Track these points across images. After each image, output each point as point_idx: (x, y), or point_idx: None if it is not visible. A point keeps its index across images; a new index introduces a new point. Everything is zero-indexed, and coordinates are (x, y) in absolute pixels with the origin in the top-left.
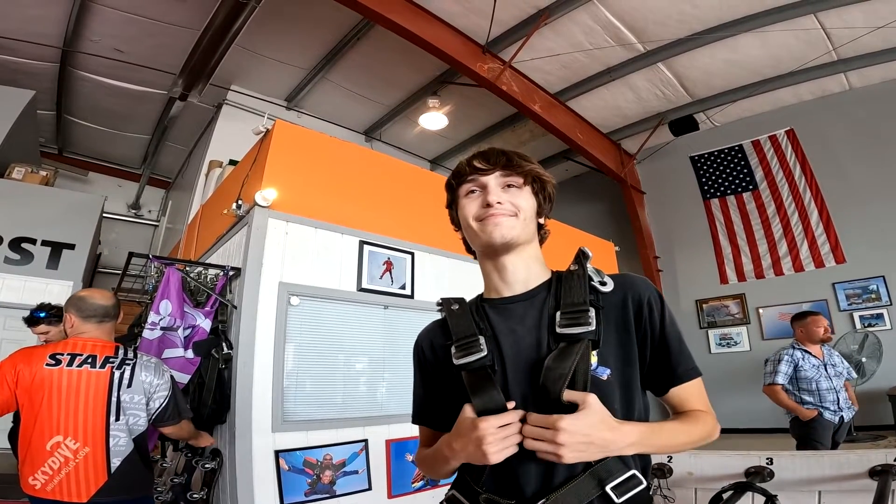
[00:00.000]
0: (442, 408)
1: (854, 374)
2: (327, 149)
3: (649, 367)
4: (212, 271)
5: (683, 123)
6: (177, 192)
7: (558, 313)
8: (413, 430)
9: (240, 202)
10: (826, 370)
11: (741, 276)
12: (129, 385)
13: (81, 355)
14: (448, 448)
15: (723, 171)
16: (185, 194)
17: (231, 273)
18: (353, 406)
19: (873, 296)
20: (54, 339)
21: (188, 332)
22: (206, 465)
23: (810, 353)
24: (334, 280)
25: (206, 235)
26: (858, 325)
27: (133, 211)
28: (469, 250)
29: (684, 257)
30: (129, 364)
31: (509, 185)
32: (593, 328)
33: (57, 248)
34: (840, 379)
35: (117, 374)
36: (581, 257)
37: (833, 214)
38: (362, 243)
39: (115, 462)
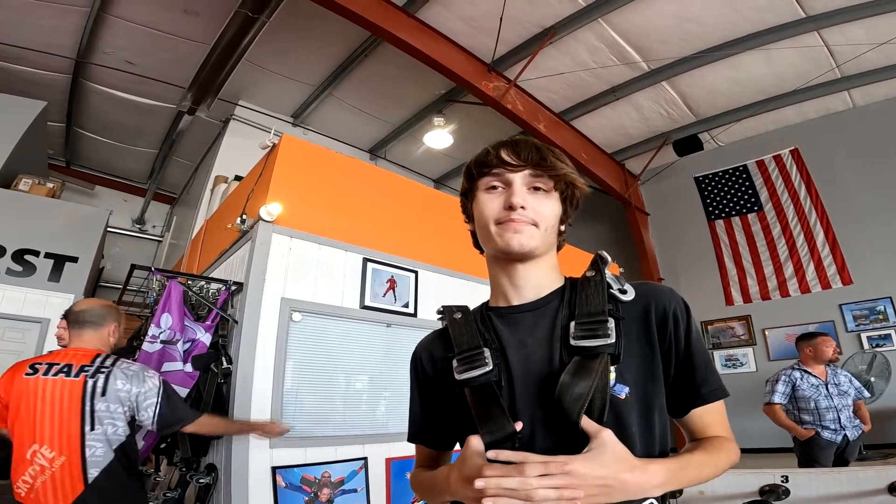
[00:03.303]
0: (442, 426)
1: (866, 393)
2: (333, 165)
3: (671, 385)
4: (214, 286)
5: (688, 143)
6: (181, 208)
7: (573, 324)
8: (414, 449)
9: (244, 217)
10: (827, 389)
11: (747, 298)
12: (104, 394)
13: (59, 364)
14: (445, 482)
15: (727, 191)
16: (189, 210)
17: (233, 288)
18: (353, 423)
19: (881, 316)
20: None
21: (188, 345)
22: (201, 480)
23: (810, 373)
24: (337, 297)
25: (210, 250)
26: (866, 346)
27: (137, 226)
28: (476, 246)
29: (689, 279)
30: (103, 372)
31: (536, 188)
32: (612, 341)
33: (59, 261)
34: (845, 398)
35: (90, 382)
36: (599, 262)
37: (839, 235)
38: (366, 261)
39: (93, 472)
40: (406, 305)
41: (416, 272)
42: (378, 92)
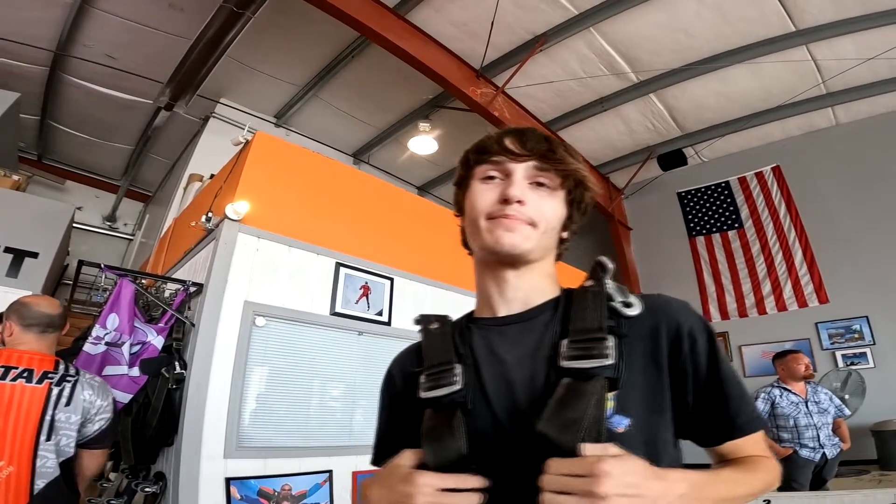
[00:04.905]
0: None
1: (847, 411)
2: (308, 164)
3: (694, 415)
4: (171, 286)
5: (672, 158)
6: (155, 207)
7: (564, 341)
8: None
9: (210, 215)
10: (807, 407)
11: (724, 315)
12: (68, 403)
13: (17, 368)
14: (364, 497)
15: (709, 208)
16: (163, 209)
17: (192, 289)
18: (318, 434)
19: (856, 335)
20: None
21: (137, 348)
22: (147, 489)
23: (790, 391)
24: (306, 302)
25: (175, 250)
26: (841, 364)
27: (108, 223)
28: (465, 244)
29: (669, 294)
30: (69, 381)
31: (540, 184)
32: (611, 362)
33: (19, 256)
34: (825, 416)
35: (55, 390)
36: (599, 270)
37: (817, 254)
38: (339, 265)
39: (39, 484)
40: (380, 313)
41: (391, 279)
42: (364, 95)
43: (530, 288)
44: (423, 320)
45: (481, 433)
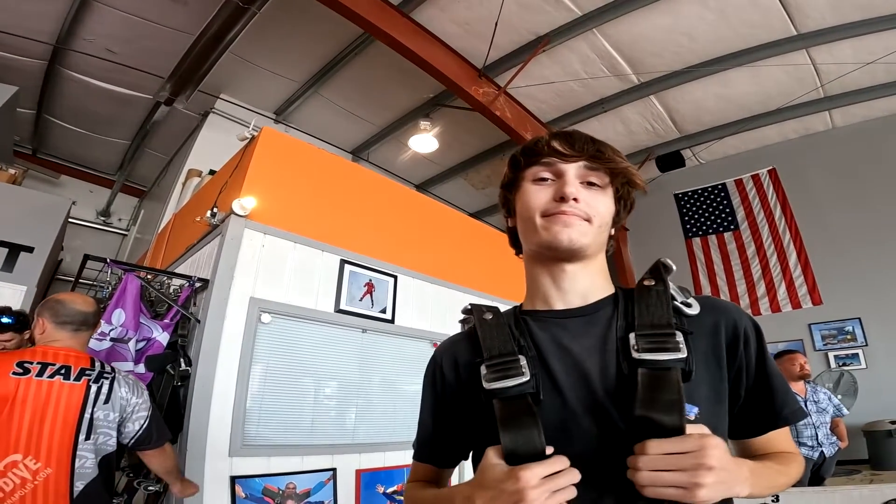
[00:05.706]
0: (454, 442)
1: (845, 410)
2: (314, 161)
3: (744, 406)
4: (176, 281)
5: (670, 159)
6: (150, 202)
7: (632, 335)
8: (386, 461)
9: (215, 210)
10: (806, 406)
11: None
12: (107, 401)
13: (53, 365)
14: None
15: (705, 209)
16: (158, 204)
17: (198, 285)
18: (322, 432)
19: (849, 336)
20: (11, 349)
21: (142, 344)
22: (150, 488)
23: None
24: (311, 299)
25: (176, 245)
26: (833, 365)
27: (102, 218)
28: (513, 244)
29: None
30: (107, 378)
31: (591, 183)
32: (684, 355)
33: (14, 250)
34: (823, 415)
35: (94, 387)
36: (661, 270)
37: (811, 256)
38: (343, 262)
39: (79, 486)
40: (383, 311)
41: (395, 277)
42: (365, 93)
43: (588, 283)
44: (476, 309)
45: (553, 423)
